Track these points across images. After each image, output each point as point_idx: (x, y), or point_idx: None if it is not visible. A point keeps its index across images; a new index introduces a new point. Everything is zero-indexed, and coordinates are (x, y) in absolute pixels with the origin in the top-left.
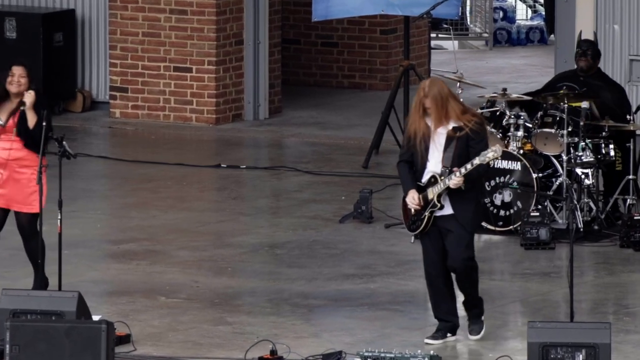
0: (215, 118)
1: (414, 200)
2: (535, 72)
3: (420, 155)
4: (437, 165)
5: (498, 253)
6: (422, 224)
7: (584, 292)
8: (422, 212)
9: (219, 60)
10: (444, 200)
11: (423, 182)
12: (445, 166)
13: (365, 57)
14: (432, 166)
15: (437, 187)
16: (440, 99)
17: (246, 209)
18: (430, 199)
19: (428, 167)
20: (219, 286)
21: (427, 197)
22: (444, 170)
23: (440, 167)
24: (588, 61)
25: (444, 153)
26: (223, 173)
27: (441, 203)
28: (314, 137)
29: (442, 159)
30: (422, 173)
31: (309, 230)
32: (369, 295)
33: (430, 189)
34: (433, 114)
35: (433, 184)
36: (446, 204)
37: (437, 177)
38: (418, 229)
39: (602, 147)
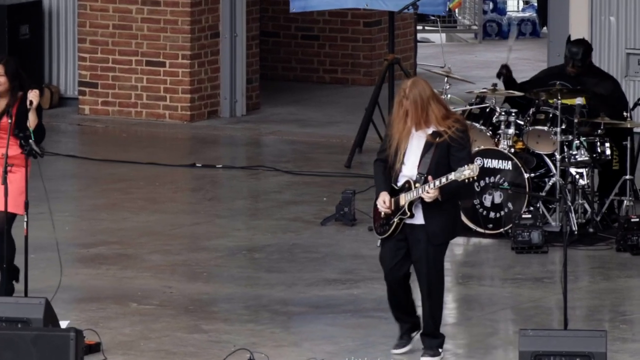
0: (189, 115)
1: (385, 204)
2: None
3: (397, 158)
4: (412, 170)
5: (488, 257)
6: (389, 230)
7: (579, 299)
8: (392, 217)
9: (193, 54)
10: (415, 208)
11: (397, 186)
12: (420, 173)
13: (347, 51)
14: (407, 170)
15: (410, 194)
16: (420, 102)
17: (222, 211)
18: (402, 205)
19: (403, 171)
20: (193, 292)
21: (399, 202)
22: (419, 177)
23: (415, 173)
24: (577, 69)
25: (421, 158)
26: (198, 173)
27: (412, 212)
28: (293, 135)
29: (419, 164)
30: (397, 176)
31: (288, 233)
32: (352, 301)
33: (403, 194)
34: (412, 117)
35: (407, 190)
36: (417, 213)
37: (412, 184)
38: (385, 234)
39: (597, 145)
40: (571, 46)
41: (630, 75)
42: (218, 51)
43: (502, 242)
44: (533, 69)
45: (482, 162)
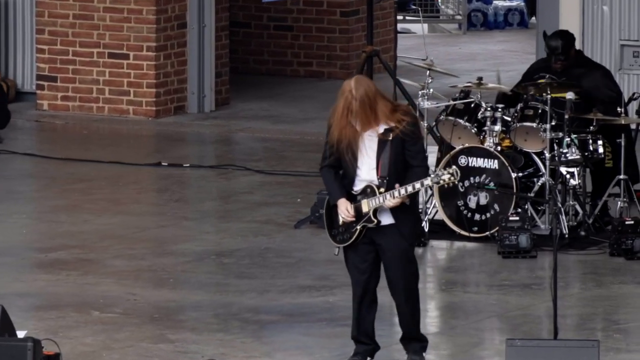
0: (155, 110)
1: (348, 213)
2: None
3: (349, 163)
4: (370, 172)
5: (473, 262)
6: (351, 237)
7: (570, 306)
8: (353, 224)
9: (159, 46)
10: (380, 213)
11: (356, 191)
12: (382, 176)
13: (323, 42)
14: (364, 174)
15: (374, 200)
16: (367, 100)
17: (190, 213)
18: (365, 213)
19: (360, 175)
20: (159, 299)
21: (361, 209)
22: (382, 181)
23: (375, 177)
24: (562, 63)
25: (378, 160)
26: (164, 172)
27: (377, 219)
28: (266, 132)
29: (378, 167)
30: (353, 182)
31: (260, 236)
32: (328, 309)
33: (365, 200)
34: (360, 117)
35: (369, 196)
36: (384, 215)
37: (375, 189)
38: (346, 242)
39: (589, 143)
40: (549, 41)
41: (625, 69)
42: (185, 42)
43: (487, 246)
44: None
45: (467, 161)
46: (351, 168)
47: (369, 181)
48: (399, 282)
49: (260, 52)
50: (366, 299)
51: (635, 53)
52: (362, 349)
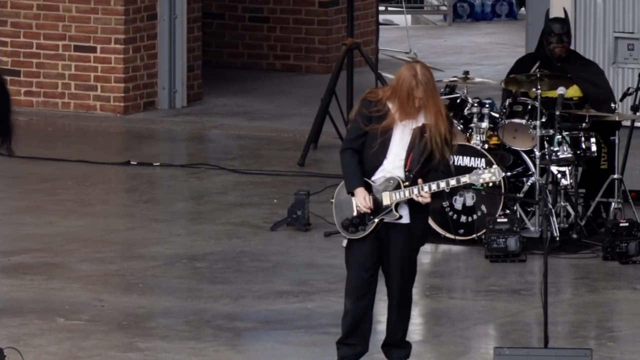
0: (123, 106)
1: (366, 204)
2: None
3: (378, 148)
4: (394, 163)
5: (459, 266)
6: (366, 230)
7: (561, 313)
8: (371, 217)
9: (127, 38)
10: (401, 208)
11: (374, 181)
12: (409, 170)
13: (301, 35)
14: (389, 165)
15: (398, 194)
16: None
17: (160, 215)
18: (386, 206)
19: (384, 165)
20: (128, 306)
21: (381, 201)
22: (408, 175)
23: (401, 169)
24: (565, 47)
25: (409, 153)
26: (133, 172)
27: (400, 213)
28: (240, 129)
29: (408, 160)
30: (373, 170)
31: (234, 239)
32: (306, 316)
33: (387, 193)
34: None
35: (392, 188)
36: (403, 212)
37: (400, 182)
38: (359, 235)
39: (582, 140)
40: (554, 22)
41: (619, 62)
42: (155, 35)
43: (474, 249)
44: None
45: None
46: (377, 155)
47: (392, 173)
48: (397, 282)
49: (234, 45)
50: (366, 296)
51: (630, 46)
52: (348, 352)
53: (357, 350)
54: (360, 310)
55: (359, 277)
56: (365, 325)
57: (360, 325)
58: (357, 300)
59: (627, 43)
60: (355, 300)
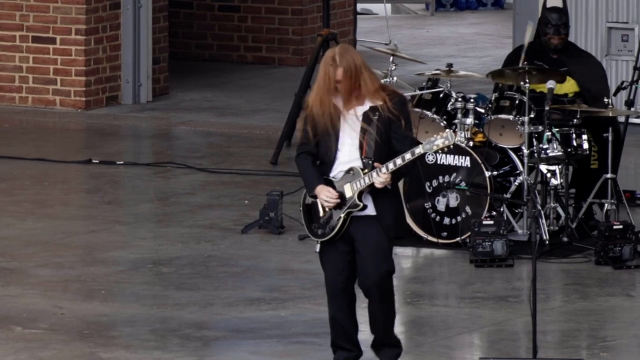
0: (84, 101)
1: (332, 196)
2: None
3: (329, 144)
4: (351, 153)
5: (442, 272)
6: (335, 229)
7: (551, 321)
8: (337, 213)
9: (89, 29)
10: (365, 199)
11: (334, 177)
12: (367, 157)
13: (274, 25)
14: (345, 156)
15: (358, 182)
16: (354, 71)
17: (124, 216)
18: (349, 197)
19: (339, 157)
20: (89, 313)
21: (344, 194)
22: (367, 161)
23: (359, 157)
24: (562, 38)
25: (363, 140)
26: (95, 171)
27: (363, 203)
28: (209, 126)
29: (364, 148)
30: (330, 166)
31: (203, 243)
32: (279, 324)
33: (348, 184)
34: (344, 90)
35: (351, 178)
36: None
37: (359, 171)
38: (328, 235)
39: (573, 138)
40: (552, 12)
41: (612, 54)
42: (119, 25)
43: (458, 253)
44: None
45: (435, 158)
46: (330, 150)
47: (351, 163)
48: (374, 280)
49: (203, 36)
50: (344, 300)
51: (624, 37)
52: (342, 356)
53: (353, 354)
54: (342, 314)
55: (334, 279)
56: (348, 328)
57: (342, 329)
58: (337, 303)
59: (621, 34)
60: (336, 304)
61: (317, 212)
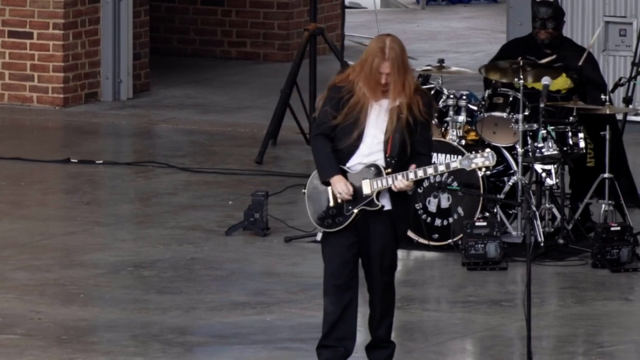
0: (62, 98)
1: (347, 191)
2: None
3: (352, 133)
4: (371, 147)
5: (433, 275)
6: (345, 222)
7: (546, 326)
8: (349, 207)
9: (67, 23)
10: (382, 197)
11: (350, 169)
12: (391, 156)
13: (259, 19)
14: (366, 149)
15: (379, 182)
16: (402, 65)
17: (103, 218)
18: (367, 195)
19: (360, 149)
20: (68, 318)
21: (361, 190)
22: (389, 161)
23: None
24: (550, 33)
25: (389, 136)
26: (73, 170)
27: (381, 203)
28: (192, 124)
29: (388, 145)
30: (349, 156)
31: (185, 245)
32: (265, 329)
33: (368, 180)
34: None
35: (371, 175)
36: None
37: (382, 170)
38: (336, 227)
39: (569, 136)
40: (539, 6)
41: (610, 50)
42: (98, 19)
43: (450, 256)
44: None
45: None
46: (352, 140)
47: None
48: (380, 275)
49: (185, 30)
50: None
51: (621, 31)
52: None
53: (340, 352)
54: (342, 309)
55: (338, 272)
56: (349, 325)
57: (343, 326)
58: (338, 298)
59: (618, 28)
60: (336, 298)
61: (326, 200)
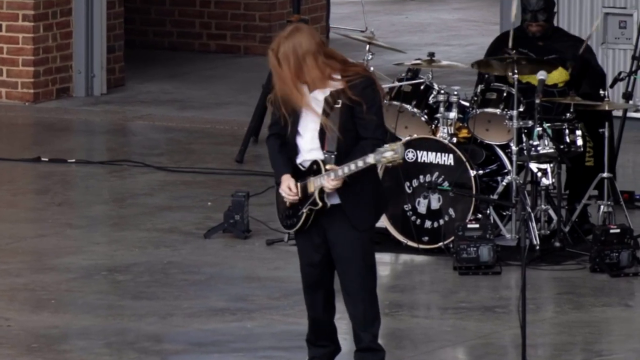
0: (33, 94)
1: (290, 191)
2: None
3: (293, 128)
4: (312, 142)
5: (423, 280)
6: (298, 222)
7: (542, 334)
8: (300, 206)
9: (38, 15)
10: (327, 195)
11: (301, 165)
12: (329, 151)
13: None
14: (306, 144)
15: (318, 179)
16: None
17: (76, 219)
18: (311, 193)
19: (301, 145)
20: (38, 325)
21: (307, 188)
22: (329, 156)
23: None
24: (542, 25)
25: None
26: (44, 169)
27: (325, 202)
28: (169, 120)
29: (325, 140)
30: (296, 154)
31: (162, 248)
32: (245, 337)
33: (312, 179)
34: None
35: (315, 173)
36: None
37: (321, 166)
38: (293, 227)
39: (566, 133)
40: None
41: (609, 42)
42: (70, 10)
43: (441, 260)
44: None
45: (416, 155)
46: (293, 136)
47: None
48: (352, 279)
49: (161, 22)
50: (320, 295)
51: (621, 23)
52: (318, 352)
53: (329, 349)
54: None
55: (308, 273)
56: (327, 325)
57: (322, 326)
58: (311, 299)
59: (618, 20)
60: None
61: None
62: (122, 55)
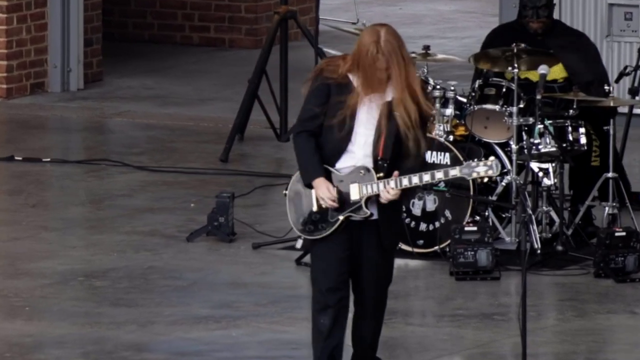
0: (5, 89)
1: (331, 195)
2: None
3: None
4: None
5: (417, 285)
6: (330, 229)
7: (543, 342)
8: (334, 213)
9: (11, 6)
10: (371, 205)
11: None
12: (384, 158)
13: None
14: (358, 150)
15: (369, 187)
16: (400, 59)
17: (51, 222)
18: (355, 201)
19: (350, 149)
20: (11, 333)
21: (348, 195)
22: (382, 164)
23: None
24: (543, 22)
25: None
26: (17, 169)
27: (370, 211)
28: (149, 117)
29: (380, 146)
30: (337, 156)
31: (142, 252)
32: (230, 346)
33: (356, 185)
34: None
35: (360, 179)
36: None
37: (373, 174)
38: (319, 234)
39: (568, 131)
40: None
41: (614, 35)
42: (45, 1)
43: (437, 264)
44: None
45: None
46: (339, 139)
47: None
48: (371, 289)
49: (142, 14)
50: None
51: (627, 15)
52: None
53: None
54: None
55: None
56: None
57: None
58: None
59: (623, 11)
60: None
61: (309, 204)
62: (100, 48)
